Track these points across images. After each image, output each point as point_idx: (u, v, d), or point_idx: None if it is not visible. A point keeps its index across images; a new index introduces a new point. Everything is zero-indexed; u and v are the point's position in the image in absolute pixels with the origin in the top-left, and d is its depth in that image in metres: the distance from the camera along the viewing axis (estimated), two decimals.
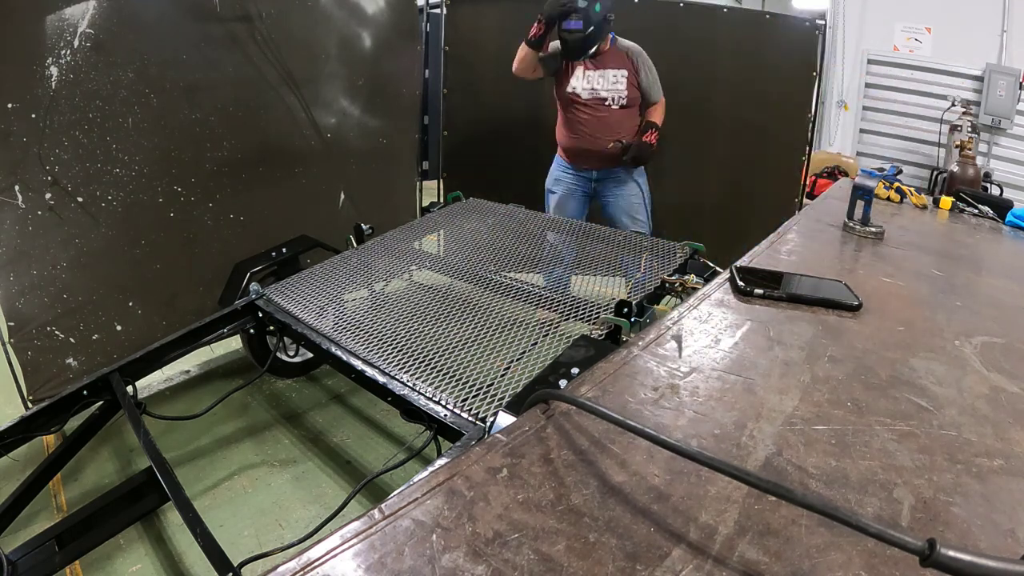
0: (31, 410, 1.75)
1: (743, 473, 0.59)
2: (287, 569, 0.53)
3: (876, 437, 0.77)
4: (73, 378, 2.19)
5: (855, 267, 1.49)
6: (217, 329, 2.09)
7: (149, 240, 2.38)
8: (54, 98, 2.02)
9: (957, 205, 2.30)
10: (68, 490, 2.00)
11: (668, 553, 0.56)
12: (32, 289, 2.09)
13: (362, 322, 1.79)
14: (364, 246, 2.39)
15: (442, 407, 1.40)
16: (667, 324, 1.06)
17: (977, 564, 0.45)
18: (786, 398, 0.84)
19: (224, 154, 2.55)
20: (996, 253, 1.94)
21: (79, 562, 1.64)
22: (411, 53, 3.32)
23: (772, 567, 0.55)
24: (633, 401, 0.82)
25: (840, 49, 5.61)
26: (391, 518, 0.59)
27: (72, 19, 2.03)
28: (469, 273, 2.08)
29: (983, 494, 0.67)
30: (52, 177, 2.06)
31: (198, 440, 2.26)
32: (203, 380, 2.74)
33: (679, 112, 3.53)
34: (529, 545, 0.56)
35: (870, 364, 0.96)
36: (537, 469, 0.67)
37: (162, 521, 1.87)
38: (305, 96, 2.79)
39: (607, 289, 1.97)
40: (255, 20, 2.54)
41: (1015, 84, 5.00)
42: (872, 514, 0.63)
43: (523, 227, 2.45)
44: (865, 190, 1.75)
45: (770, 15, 3.67)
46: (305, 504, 1.98)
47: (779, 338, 1.02)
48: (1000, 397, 0.90)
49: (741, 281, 1.21)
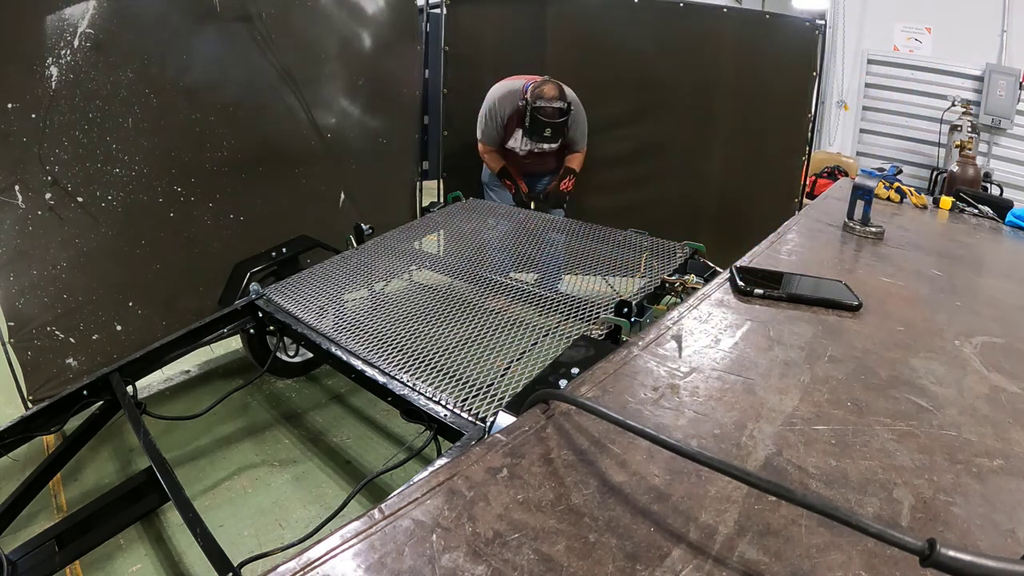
0: (31, 410, 1.75)
1: (743, 473, 0.59)
2: (287, 569, 0.53)
3: (876, 437, 0.77)
4: (73, 378, 2.19)
5: (855, 267, 1.49)
6: (217, 329, 2.09)
7: (149, 240, 2.38)
8: (54, 98, 2.02)
9: (957, 205, 2.30)
10: (68, 490, 2.00)
11: (668, 553, 0.56)
12: (32, 289, 2.09)
13: (362, 322, 1.79)
14: (364, 246, 2.39)
15: (442, 407, 1.40)
16: (667, 324, 1.06)
17: (977, 564, 0.45)
18: (786, 398, 0.84)
19: (224, 154, 2.55)
20: (996, 253, 1.94)
21: (79, 562, 1.64)
22: (411, 53, 3.32)
23: (772, 567, 0.55)
24: (633, 401, 0.82)
25: (840, 49, 5.61)
26: (391, 518, 0.59)
27: (72, 19, 2.03)
28: (469, 273, 2.08)
29: (983, 494, 0.67)
30: (52, 177, 2.06)
31: (198, 440, 2.26)
32: (203, 380, 2.74)
33: (679, 112, 3.54)
34: (529, 545, 0.56)
35: (870, 364, 0.96)
36: (537, 469, 0.67)
37: (162, 521, 1.87)
38: (305, 96, 2.79)
39: (607, 288, 1.97)
40: (255, 20, 2.54)
41: (1015, 84, 5.00)
42: (872, 514, 0.63)
43: (523, 227, 2.45)
44: (865, 190, 1.75)
45: (770, 15, 3.67)
46: (305, 504, 1.98)
47: (779, 338, 1.02)
48: (1000, 397, 0.90)
49: (741, 281, 1.21)
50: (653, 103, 3.51)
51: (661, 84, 3.47)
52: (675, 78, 3.47)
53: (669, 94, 3.49)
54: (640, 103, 3.52)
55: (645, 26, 3.40)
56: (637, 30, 3.40)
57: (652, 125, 3.55)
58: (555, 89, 2.74)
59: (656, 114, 3.53)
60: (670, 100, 3.50)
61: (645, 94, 3.50)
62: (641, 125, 3.55)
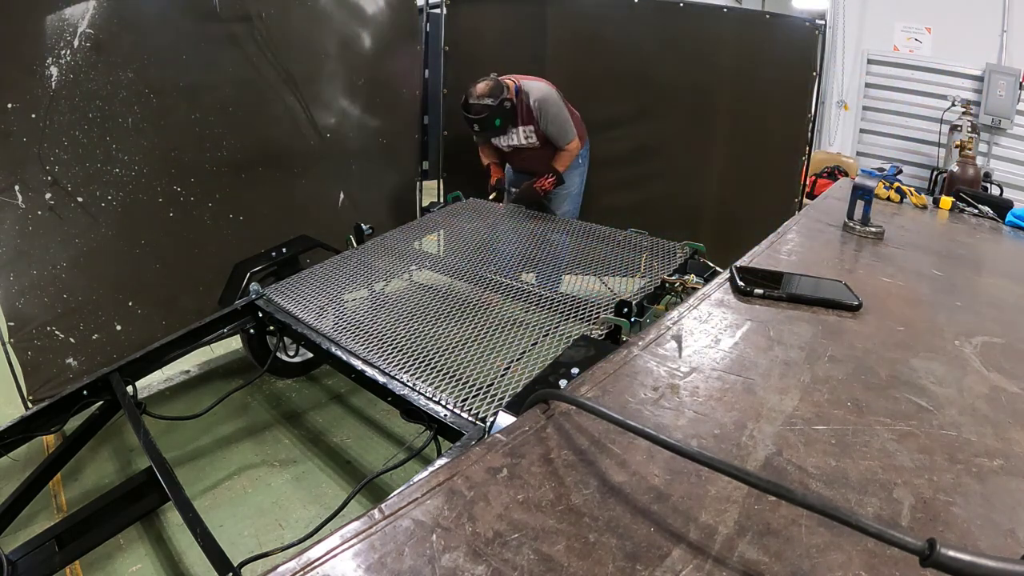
0: (31, 410, 1.75)
1: (743, 473, 0.59)
2: (287, 569, 0.53)
3: (876, 437, 0.76)
4: (73, 378, 2.19)
5: (855, 267, 1.49)
6: (217, 329, 2.09)
7: (149, 240, 2.38)
8: (54, 98, 2.02)
9: (957, 205, 2.30)
10: (68, 490, 2.00)
11: (668, 553, 0.56)
12: (32, 289, 2.09)
13: (362, 322, 1.79)
14: (364, 246, 2.39)
15: (442, 407, 1.40)
16: (667, 324, 1.06)
17: (977, 564, 0.45)
18: (786, 398, 0.84)
19: (224, 154, 2.55)
20: (996, 253, 1.94)
21: (79, 562, 1.64)
22: (411, 53, 3.32)
23: (772, 567, 0.55)
24: (633, 401, 0.82)
25: (840, 49, 5.61)
26: (391, 518, 0.59)
27: (72, 19, 2.03)
28: (469, 273, 2.08)
29: (983, 494, 0.67)
30: (52, 177, 2.06)
31: (198, 440, 2.26)
32: (203, 380, 2.74)
33: (679, 112, 3.53)
34: (529, 545, 0.56)
35: (870, 364, 0.96)
36: (537, 469, 0.67)
37: (162, 521, 1.87)
38: (305, 96, 2.79)
39: (607, 288, 1.97)
40: (255, 20, 2.54)
41: (1015, 84, 5.00)
42: (872, 514, 0.63)
43: (523, 227, 2.45)
44: (865, 190, 1.75)
45: (770, 15, 3.67)
46: (305, 504, 1.98)
47: (779, 338, 1.02)
48: (1000, 397, 0.90)
49: (741, 281, 1.21)
50: (653, 103, 3.51)
51: (661, 84, 3.47)
52: (675, 78, 3.46)
53: (669, 94, 3.48)
54: (640, 103, 3.51)
55: (645, 26, 3.40)
56: (637, 30, 3.40)
57: (652, 125, 3.55)
58: (485, 87, 2.81)
59: (656, 114, 3.53)
60: (670, 100, 3.50)
61: (645, 94, 3.49)
62: (641, 125, 3.55)
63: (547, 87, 2.95)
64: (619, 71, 3.48)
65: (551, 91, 2.94)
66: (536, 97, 2.91)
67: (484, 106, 2.80)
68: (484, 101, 2.80)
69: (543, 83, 2.97)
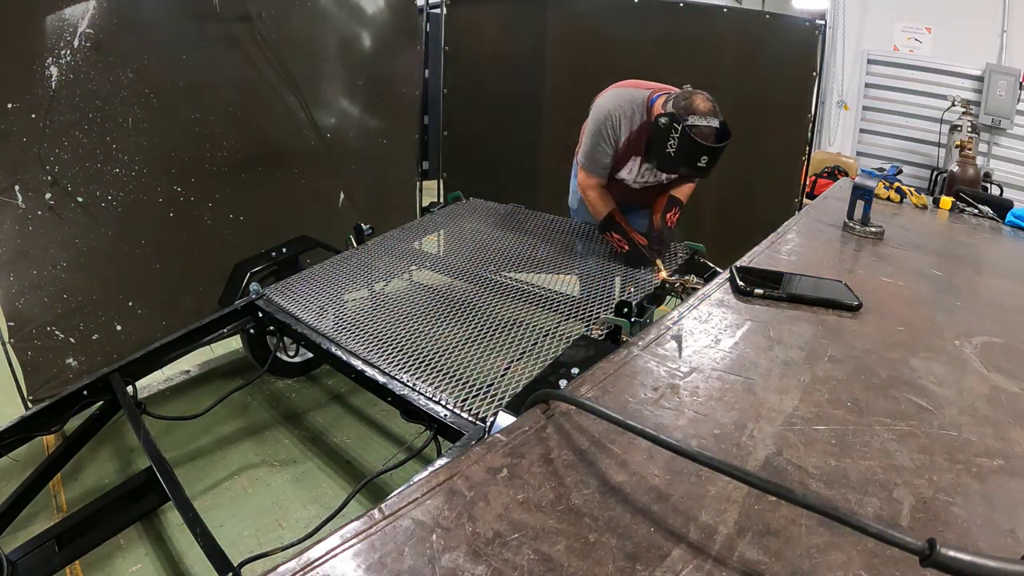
0: (31, 410, 1.75)
1: (743, 473, 0.59)
2: (287, 569, 0.53)
3: (876, 437, 0.76)
4: (73, 378, 2.18)
5: (855, 267, 1.49)
6: (217, 329, 2.08)
7: (149, 240, 2.38)
8: (54, 98, 2.02)
9: (957, 205, 2.30)
10: (68, 490, 2.00)
11: (668, 553, 0.56)
12: (32, 289, 2.09)
13: (362, 322, 1.79)
14: (364, 246, 2.39)
15: (442, 407, 1.40)
16: (667, 324, 1.06)
17: (977, 564, 0.45)
18: (786, 398, 0.84)
19: (224, 154, 2.54)
20: (996, 253, 1.94)
21: (79, 562, 1.64)
22: (411, 53, 3.32)
23: (772, 567, 0.55)
24: (633, 401, 0.82)
25: (840, 49, 5.61)
26: (391, 518, 0.59)
27: (72, 19, 2.03)
28: (469, 273, 2.08)
29: (983, 494, 0.67)
30: (52, 177, 2.06)
31: (198, 440, 2.26)
32: (203, 380, 2.74)
33: None
34: (529, 545, 0.56)
35: (870, 364, 0.96)
36: (537, 469, 0.67)
37: (162, 521, 1.87)
38: (305, 96, 2.79)
39: (607, 289, 1.96)
40: (255, 20, 2.54)
41: (1015, 84, 5.00)
42: (872, 514, 0.63)
43: (523, 227, 2.46)
44: (865, 190, 1.75)
45: (770, 15, 3.67)
46: (305, 504, 1.98)
47: (779, 338, 1.02)
48: (1000, 397, 0.90)
49: (741, 281, 1.21)
50: None
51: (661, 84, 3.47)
52: (675, 78, 3.46)
53: None
54: None
55: (645, 26, 3.40)
56: (637, 30, 3.40)
57: None
58: (709, 103, 1.93)
59: None
60: None
61: None
62: None
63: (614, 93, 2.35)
64: (619, 71, 3.48)
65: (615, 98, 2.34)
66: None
67: (718, 131, 1.88)
68: (715, 123, 1.88)
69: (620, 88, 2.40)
